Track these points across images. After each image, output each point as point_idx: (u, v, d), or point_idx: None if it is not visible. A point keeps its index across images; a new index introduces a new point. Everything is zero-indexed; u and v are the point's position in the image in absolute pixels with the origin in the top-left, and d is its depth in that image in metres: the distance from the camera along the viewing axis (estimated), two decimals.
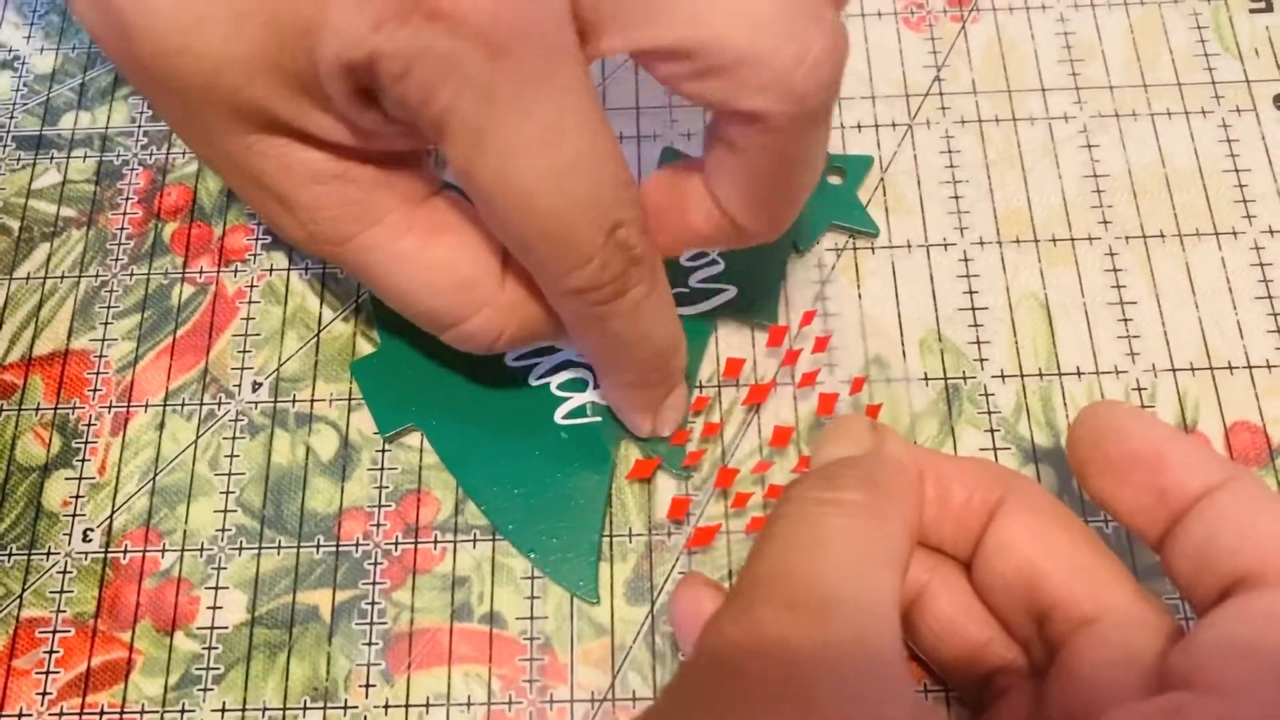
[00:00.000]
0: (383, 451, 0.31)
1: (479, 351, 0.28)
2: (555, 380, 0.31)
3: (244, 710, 0.28)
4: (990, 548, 0.24)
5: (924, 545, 0.25)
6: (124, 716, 0.28)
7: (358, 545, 0.30)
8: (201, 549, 0.30)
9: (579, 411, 0.31)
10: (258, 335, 0.32)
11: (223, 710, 0.28)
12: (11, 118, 0.36)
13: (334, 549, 0.29)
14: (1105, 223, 0.33)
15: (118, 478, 0.31)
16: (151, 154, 0.35)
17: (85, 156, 0.35)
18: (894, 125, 0.35)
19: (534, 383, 0.31)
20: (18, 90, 0.36)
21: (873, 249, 0.33)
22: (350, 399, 0.31)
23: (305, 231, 0.26)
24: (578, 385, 0.31)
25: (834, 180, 0.34)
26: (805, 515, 0.22)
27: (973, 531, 0.25)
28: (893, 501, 0.23)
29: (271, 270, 0.33)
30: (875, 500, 0.22)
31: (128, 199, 0.34)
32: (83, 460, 0.31)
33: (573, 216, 0.23)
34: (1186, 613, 0.28)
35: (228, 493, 0.30)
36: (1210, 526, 0.22)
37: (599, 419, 0.30)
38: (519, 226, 0.23)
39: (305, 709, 0.28)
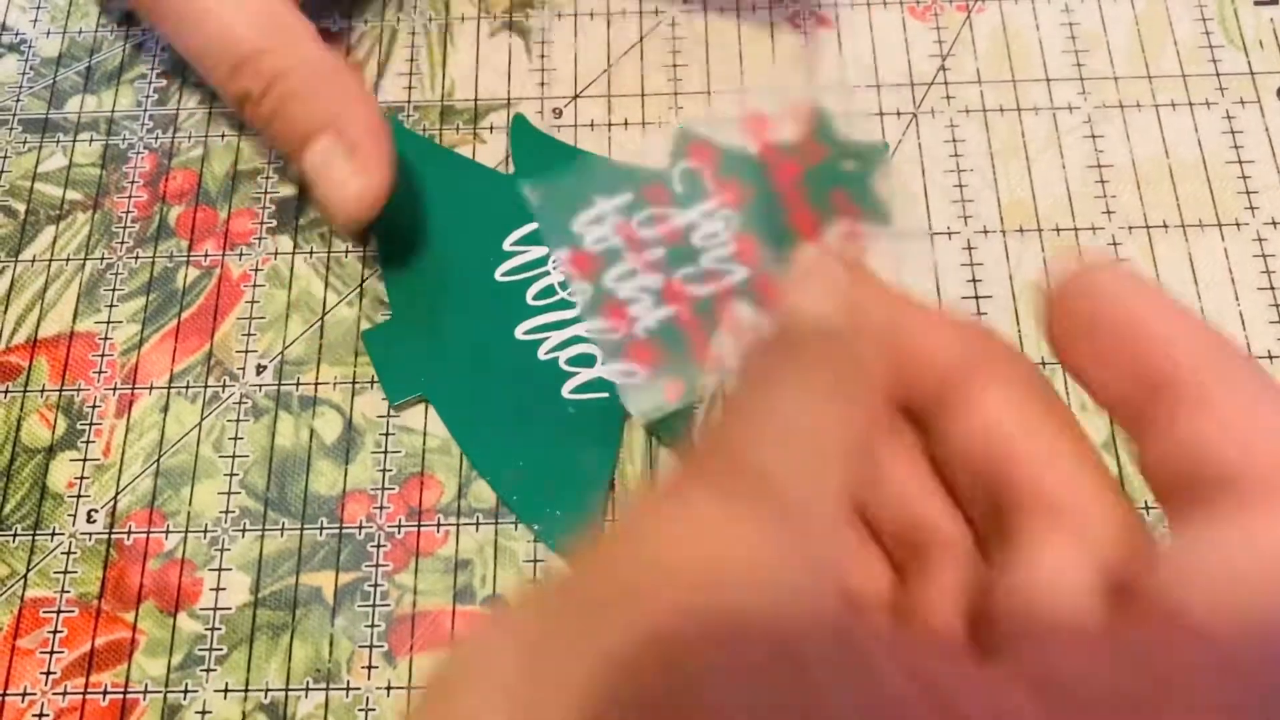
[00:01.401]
0: (386, 435, 0.31)
1: (250, 98, 0.31)
2: (564, 355, 0.31)
3: (246, 691, 0.28)
4: (960, 418, 0.20)
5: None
6: (127, 696, 0.28)
7: (360, 528, 0.30)
8: (205, 531, 0.30)
9: (587, 386, 0.31)
10: (262, 319, 0.32)
11: (225, 690, 0.28)
12: (18, 101, 0.36)
13: (337, 531, 0.30)
14: (1109, 213, 0.33)
15: (122, 459, 0.31)
16: (157, 138, 0.35)
17: (91, 140, 0.35)
18: (899, 114, 0.35)
19: (543, 356, 0.31)
20: (24, 74, 0.36)
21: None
22: (354, 382, 0.31)
23: None
24: (587, 360, 0.31)
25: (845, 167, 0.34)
26: (765, 390, 0.19)
27: (942, 397, 0.21)
28: (861, 383, 0.19)
29: (276, 254, 0.33)
30: (841, 381, 0.19)
31: (133, 182, 0.34)
32: (87, 442, 0.31)
33: (246, 34, 0.31)
34: None
35: (231, 475, 0.30)
36: (1200, 420, 0.18)
37: (606, 394, 0.31)
38: (191, 36, 0.32)
39: (308, 690, 0.28)
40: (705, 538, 0.15)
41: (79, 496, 0.30)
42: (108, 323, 0.32)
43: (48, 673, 0.28)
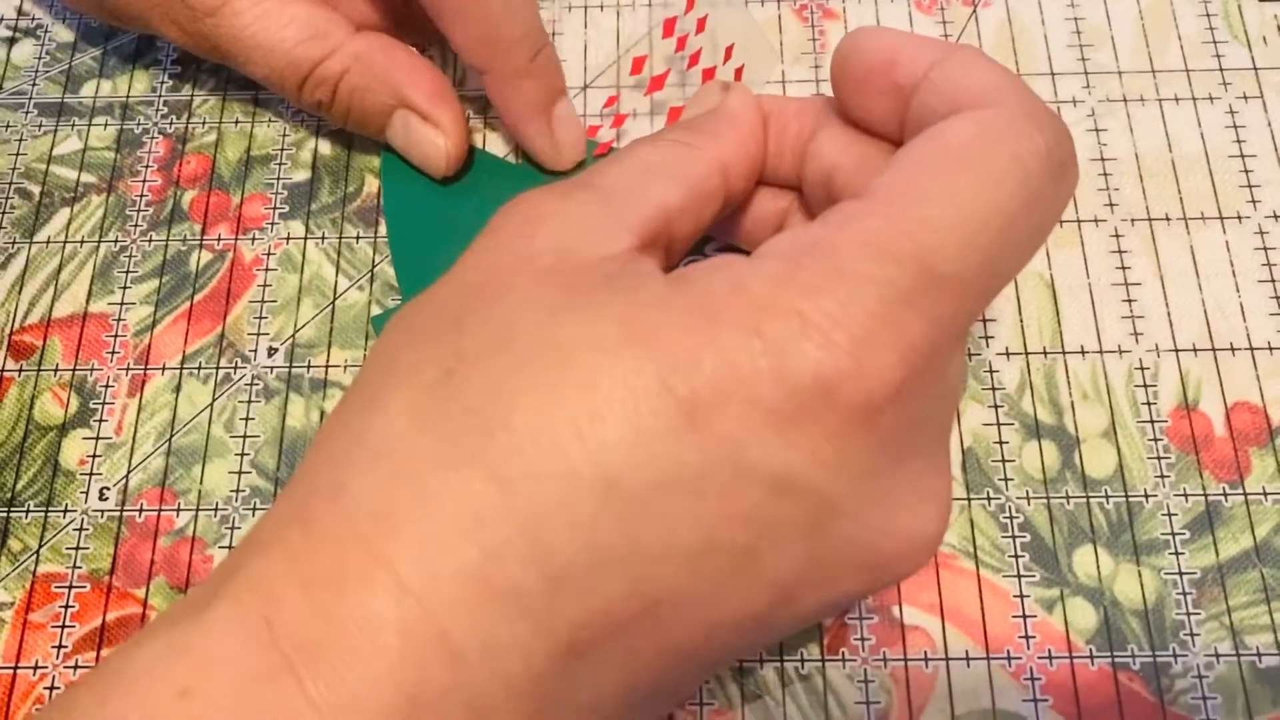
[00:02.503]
0: None
1: (334, 118, 0.33)
2: None
3: None
4: (807, 163, 0.26)
5: (778, 185, 0.28)
6: None
7: None
8: (216, 509, 0.30)
9: None
10: (274, 302, 0.33)
11: None
12: (34, 84, 0.36)
13: None
14: (1111, 205, 0.33)
15: (134, 438, 0.31)
16: (171, 123, 0.36)
17: (106, 124, 0.36)
18: None
19: None
20: (40, 58, 0.37)
21: None
22: None
23: (185, 9, 0.31)
24: None
25: None
26: (624, 150, 0.25)
27: (801, 157, 0.27)
28: (705, 139, 0.25)
29: (289, 239, 0.34)
30: (687, 137, 0.25)
31: (147, 166, 0.35)
32: (100, 420, 0.31)
33: None
34: (1184, 587, 0.29)
35: (242, 455, 0.31)
36: (928, 92, 0.23)
37: None
38: None
39: None
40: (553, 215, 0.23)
41: (91, 474, 0.31)
42: (121, 304, 0.33)
43: (59, 646, 0.29)
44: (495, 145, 0.35)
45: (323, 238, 0.34)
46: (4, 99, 0.36)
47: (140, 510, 0.30)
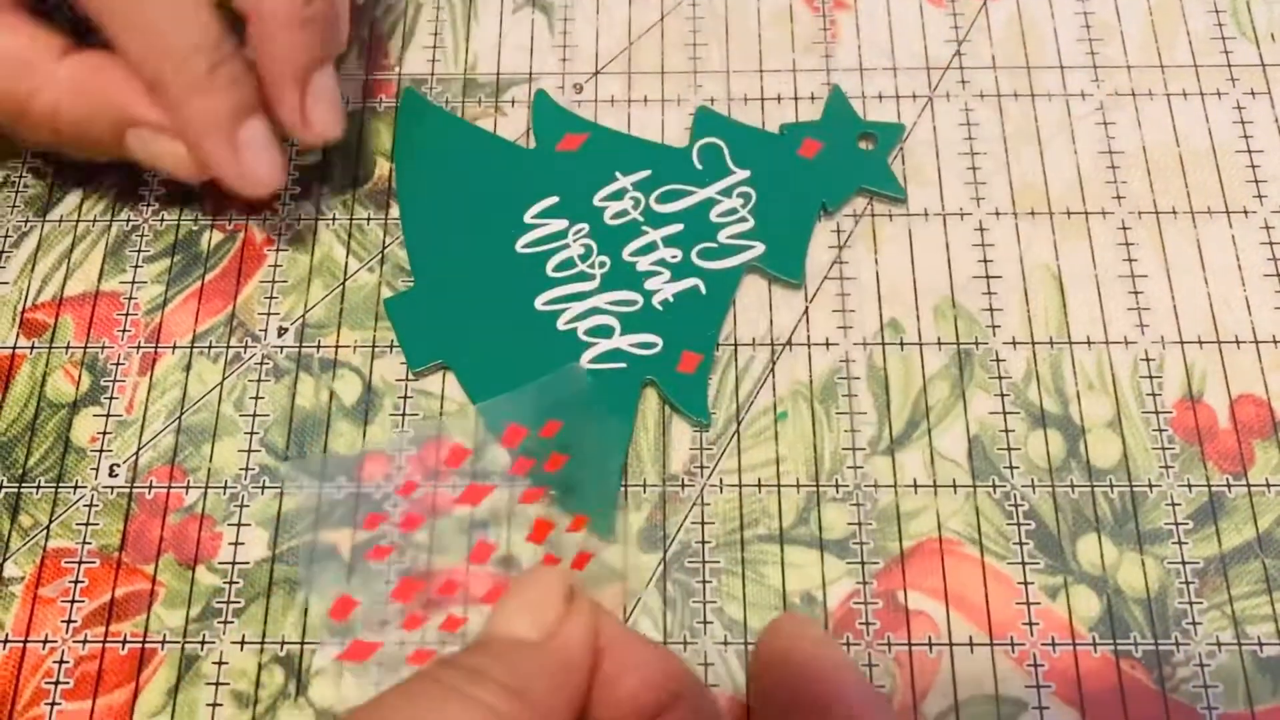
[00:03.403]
0: (404, 398, 0.31)
1: (68, 151, 0.31)
2: (583, 326, 0.32)
3: (263, 643, 0.29)
4: None
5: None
6: (146, 645, 0.29)
7: (378, 487, 0.30)
8: (225, 487, 0.30)
9: (605, 357, 0.31)
10: (284, 282, 0.33)
11: (242, 642, 0.29)
12: None
13: (355, 490, 0.30)
14: (1119, 198, 0.34)
15: (144, 416, 0.31)
16: None
17: None
18: (914, 97, 0.35)
19: (562, 327, 0.32)
20: None
21: (891, 216, 0.34)
22: (374, 346, 0.32)
23: None
24: (604, 331, 0.32)
25: (865, 146, 0.34)
26: (434, 698, 0.22)
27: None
28: (533, 713, 0.22)
29: (300, 220, 0.34)
30: (512, 710, 0.21)
31: None
32: (110, 398, 0.31)
33: None
34: (1187, 576, 0.29)
35: (251, 433, 0.31)
36: None
37: (624, 365, 0.31)
38: None
39: (323, 643, 0.29)
40: None
41: (101, 451, 0.31)
42: (132, 283, 0.33)
43: (68, 621, 0.29)
44: (505, 129, 0.35)
45: (333, 219, 0.34)
46: None
47: (150, 487, 0.30)
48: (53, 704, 0.28)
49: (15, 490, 0.30)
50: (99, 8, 0.29)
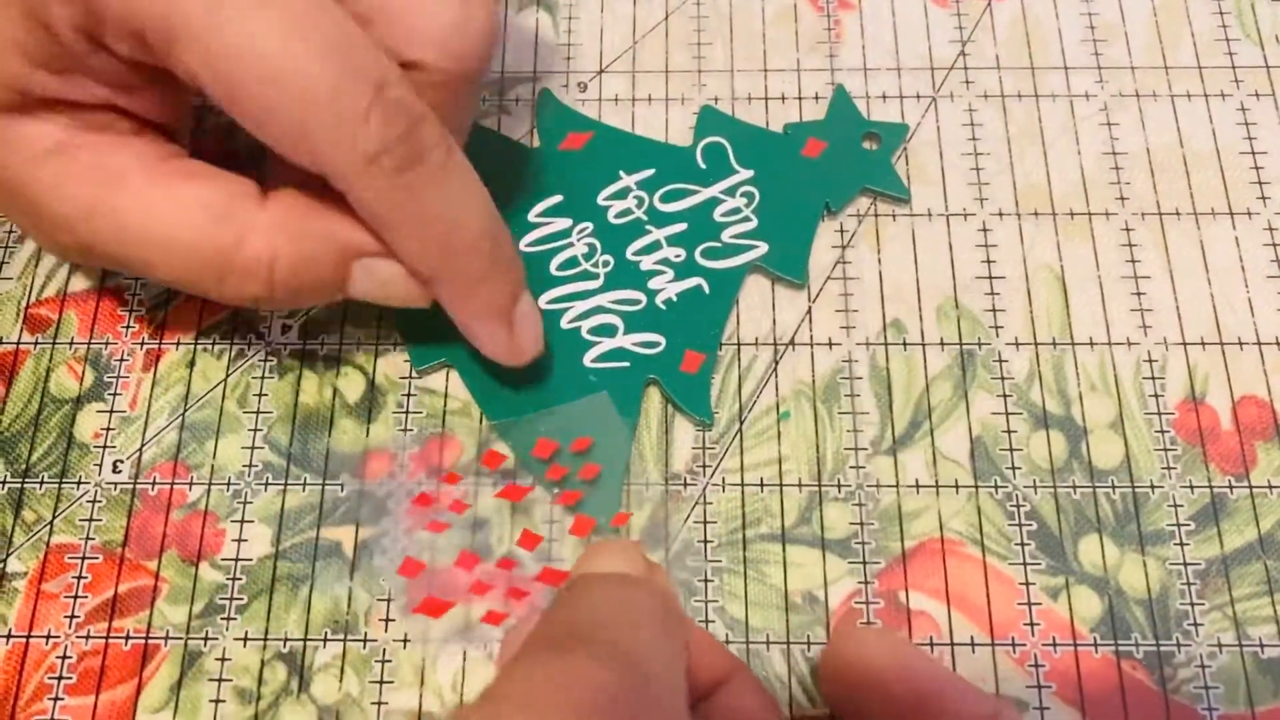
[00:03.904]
0: (408, 395, 0.31)
1: (274, 305, 0.27)
2: (586, 325, 0.32)
3: (265, 639, 0.29)
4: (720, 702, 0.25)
5: None
6: (149, 641, 0.29)
7: (381, 485, 0.30)
8: (228, 484, 0.30)
9: (608, 356, 0.31)
10: None
11: (245, 639, 0.29)
12: None
13: (358, 488, 0.30)
14: (1122, 199, 0.34)
15: (148, 412, 0.31)
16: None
17: None
18: (918, 97, 0.35)
19: (565, 326, 0.32)
20: None
21: (894, 216, 0.34)
22: (377, 344, 0.32)
23: (53, 219, 0.26)
24: (608, 330, 0.32)
25: (869, 146, 0.34)
26: (614, 588, 0.23)
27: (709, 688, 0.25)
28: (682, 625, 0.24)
29: None
30: (670, 610, 0.23)
31: None
32: (114, 394, 0.32)
33: (329, 69, 0.23)
34: (1189, 577, 0.29)
35: (255, 430, 0.31)
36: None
37: (627, 364, 0.31)
38: (278, 101, 0.23)
39: (325, 640, 0.29)
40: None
41: (105, 447, 0.31)
42: (136, 279, 0.33)
43: (71, 616, 0.29)
44: (509, 128, 0.35)
45: None
46: None
47: (153, 483, 0.30)
48: (55, 699, 0.28)
49: (19, 485, 0.30)
50: (376, 201, 0.25)
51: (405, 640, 0.29)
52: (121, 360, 0.32)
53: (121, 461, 0.31)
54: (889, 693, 0.24)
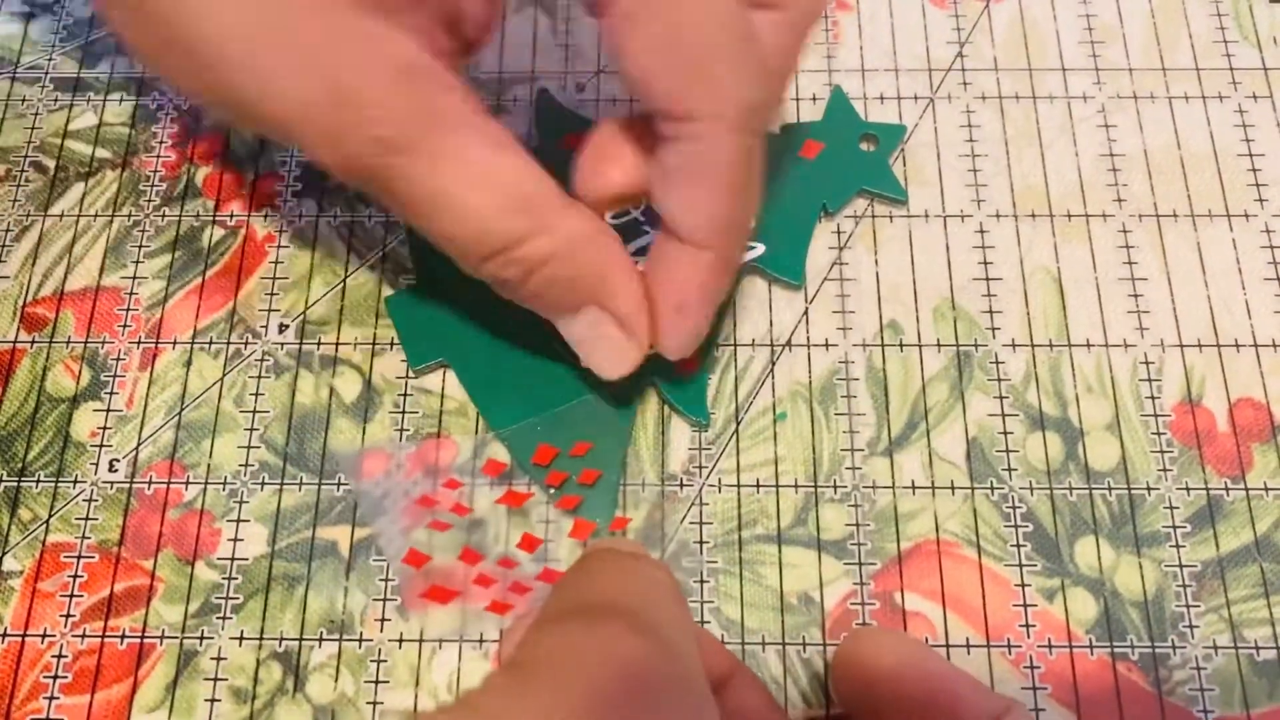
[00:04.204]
0: (404, 395, 0.31)
1: (507, 283, 0.27)
2: None
3: (261, 639, 0.29)
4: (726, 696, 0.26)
5: None
6: (145, 640, 0.29)
7: (378, 484, 0.30)
8: (224, 483, 0.30)
9: None
10: (285, 279, 0.33)
11: (240, 638, 0.29)
12: (50, 60, 0.37)
13: (354, 488, 0.30)
14: (1120, 201, 0.34)
15: (144, 411, 0.31)
16: (186, 100, 0.36)
17: (121, 100, 0.36)
18: (916, 98, 0.35)
19: None
20: (57, 33, 0.37)
21: (891, 218, 0.34)
22: (374, 344, 0.32)
23: (370, 138, 0.24)
24: None
25: (866, 147, 0.34)
26: (632, 563, 0.24)
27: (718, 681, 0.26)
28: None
29: (301, 216, 0.34)
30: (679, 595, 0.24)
31: (162, 142, 0.35)
32: (111, 393, 0.32)
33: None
34: (1185, 579, 0.29)
35: (251, 430, 0.31)
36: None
37: None
38: None
39: (321, 640, 0.29)
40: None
41: (101, 446, 0.31)
42: (133, 278, 0.33)
43: (67, 615, 0.29)
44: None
45: (335, 216, 0.34)
46: (21, 73, 0.36)
47: (149, 483, 0.30)
48: (51, 698, 0.28)
49: (15, 484, 0.30)
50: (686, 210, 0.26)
51: (401, 640, 0.29)
52: (118, 359, 0.32)
53: (118, 461, 0.31)
54: (902, 692, 0.24)
